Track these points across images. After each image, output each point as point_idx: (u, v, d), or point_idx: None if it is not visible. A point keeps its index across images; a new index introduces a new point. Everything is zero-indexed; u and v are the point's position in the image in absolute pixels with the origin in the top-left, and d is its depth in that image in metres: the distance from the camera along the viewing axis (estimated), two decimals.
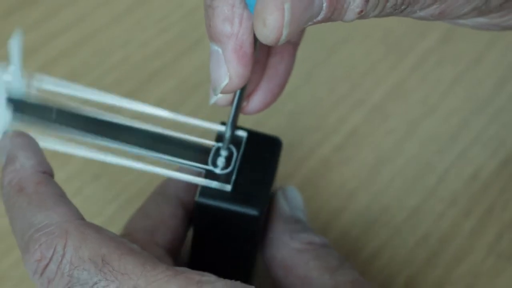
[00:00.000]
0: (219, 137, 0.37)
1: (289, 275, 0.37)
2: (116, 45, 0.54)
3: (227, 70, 0.33)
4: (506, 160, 0.49)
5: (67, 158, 0.47)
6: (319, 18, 0.30)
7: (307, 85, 0.52)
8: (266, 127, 0.44)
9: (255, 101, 0.37)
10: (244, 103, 0.37)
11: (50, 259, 0.31)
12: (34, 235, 0.32)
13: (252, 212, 0.35)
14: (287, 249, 0.38)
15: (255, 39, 0.32)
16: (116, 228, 0.45)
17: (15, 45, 0.35)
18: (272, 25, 0.29)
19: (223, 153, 0.37)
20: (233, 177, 0.36)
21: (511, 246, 0.46)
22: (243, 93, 0.36)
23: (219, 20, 0.33)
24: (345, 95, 0.52)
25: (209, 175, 0.36)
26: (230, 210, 0.35)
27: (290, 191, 0.40)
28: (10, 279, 0.43)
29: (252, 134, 0.38)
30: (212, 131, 0.38)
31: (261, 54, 0.37)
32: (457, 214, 0.47)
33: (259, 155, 0.37)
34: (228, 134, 0.37)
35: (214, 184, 0.36)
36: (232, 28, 0.33)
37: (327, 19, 0.31)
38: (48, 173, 0.35)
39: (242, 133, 0.38)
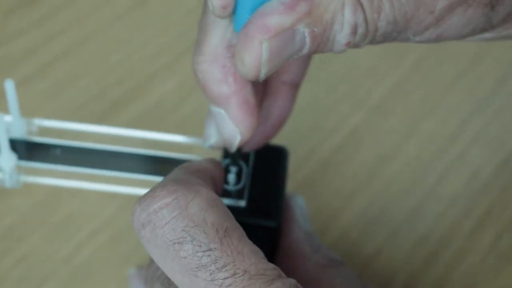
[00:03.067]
0: (226, 153, 0.37)
1: None
2: (116, 45, 0.54)
3: (236, 127, 0.33)
4: (506, 160, 0.49)
5: None
6: (304, 52, 0.30)
7: (307, 85, 0.52)
8: None
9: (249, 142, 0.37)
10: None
11: (168, 204, 0.29)
12: (164, 180, 0.30)
13: (271, 224, 0.35)
14: (311, 262, 0.37)
15: None
16: (116, 228, 0.45)
17: (10, 92, 0.35)
18: (250, 63, 0.29)
19: (233, 169, 0.37)
20: (246, 192, 0.36)
21: (511, 246, 0.46)
22: None
23: (214, 84, 0.32)
24: (345, 95, 0.52)
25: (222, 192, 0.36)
26: (248, 224, 0.34)
27: (299, 200, 0.40)
28: (10, 279, 0.43)
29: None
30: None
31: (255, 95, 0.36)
32: (457, 214, 0.47)
33: (267, 166, 0.37)
34: (236, 151, 0.36)
35: (228, 201, 0.36)
36: (229, 88, 0.32)
37: (314, 52, 0.30)
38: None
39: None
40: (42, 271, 0.44)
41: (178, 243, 0.28)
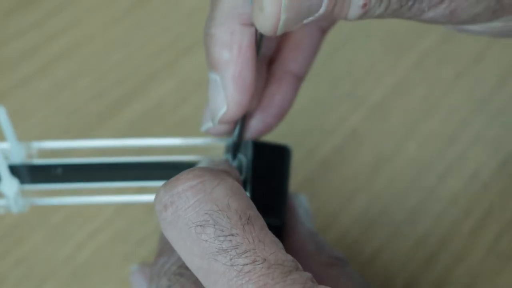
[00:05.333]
0: (226, 148, 0.37)
1: None
2: (116, 45, 0.54)
3: (225, 98, 0.33)
4: (506, 160, 0.49)
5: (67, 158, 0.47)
6: (320, 11, 0.29)
7: (307, 85, 0.52)
8: None
9: (249, 129, 0.37)
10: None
11: (193, 187, 0.28)
12: (193, 168, 0.29)
13: (275, 222, 0.35)
14: (315, 261, 0.36)
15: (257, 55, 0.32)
16: (116, 228, 0.45)
17: (3, 119, 0.35)
18: (269, 9, 0.28)
19: (234, 164, 0.36)
20: (248, 185, 0.36)
21: (511, 246, 0.46)
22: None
23: (217, 47, 0.32)
24: (345, 95, 0.52)
25: None
26: None
27: (303, 199, 0.39)
28: (10, 279, 0.43)
29: (258, 144, 0.37)
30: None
31: (258, 81, 0.36)
32: (457, 214, 0.47)
33: (270, 165, 0.37)
34: (235, 146, 0.37)
35: None
36: (230, 54, 0.32)
37: (329, 14, 0.30)
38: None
39: (245, 142, 0.37)
40: (42, 271, 0.44)
41: (200, 225, 0.28)
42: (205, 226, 0.28)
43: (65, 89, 0.51)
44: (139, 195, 0.37)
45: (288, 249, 0.37)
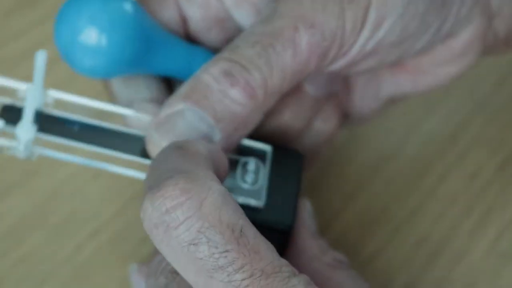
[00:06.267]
0: (242, 151, 0.37)
1: None
2: None
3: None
4: (506, 160, 0.49)
5: None
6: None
7: None
8: None
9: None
10: None
11: (182, 204, 0.28)
12: (175, 175, 0.28)
13: (285, 227, 0.35)
14: (319, 263, 0.37)
15: None
16: (116, 228, 0.45)
17: (41, 61, 0.35)
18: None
19: (251, 168, 0.36)
20: (263, 192, 0.36)
21: (511, 246, 0.46)
22: None
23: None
24: None
25: (236, 190, 0.35)
26: (261, 225, 0.32)
27: (307, 203, 0.39)
28: (10, 279, 0.43)
29: (276, 148, 0.37)
30: None
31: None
32: (457, 214, 0.47)
33: (283, 169, 0.37)
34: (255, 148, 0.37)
35: (244, 199, 0.35)
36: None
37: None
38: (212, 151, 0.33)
39: (263, 147, 0.37)
40: (42, 271, 0.44)
41: (193, 244, 0.28)
42: (198, 245, 0.28)
43: (65, 89, 0.51)
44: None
45: (292, 251, 0.37)
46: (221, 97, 0.33)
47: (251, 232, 0.28)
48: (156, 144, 0.34)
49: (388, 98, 0.43)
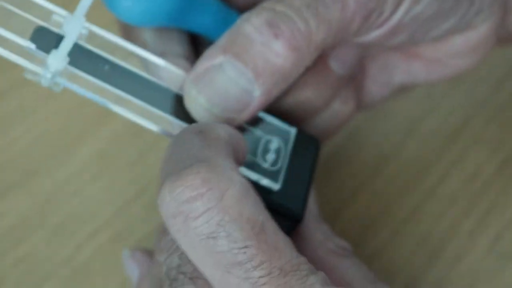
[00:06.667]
0: (265, 127, 0.35)
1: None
2: None
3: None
4: (506, 160, 0.49)
5: (67, 158, 0.47)
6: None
7: None
8: None
9: None
10: None
11: (202, 195, 0.27)
12: (196, 163, 0.27)
13: (296, 215, 0.34)
14: (323, 249, 0.35)
15: None
16: (116, 228, 0.45)
17: None
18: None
19: (273, 147, 0.35)
20: (282, 175, 0.34)
21: (511, 246, 0.46)
22: None
23: None
24: None
25: (255, 167, 0.34)
26: (272, 209, 0.31)
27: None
28: (10, 279, 0.43)
29: (300, 132, 0.36)
30: None
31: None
32: (457, 214, 0.47)
33: (302, 155, 0.35)
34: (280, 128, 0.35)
35: (258, 178, 0.34)
36: None
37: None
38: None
39: (288, 128, 0.35)
40: (42, 271, 0.43)
41: (212, 237, 0.27)
42: (217, 238, 0.27)
43: (65, 89, 0.51)
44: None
45: (298, 236, 0.35)
46: (263, 49, 0.32)
47: (271, 227, 0.28)
48: (194, 100, 0.33)
49: (399, 86, 0.42)
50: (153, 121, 0.33)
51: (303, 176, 0.35)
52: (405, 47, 0.40)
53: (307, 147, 0.36)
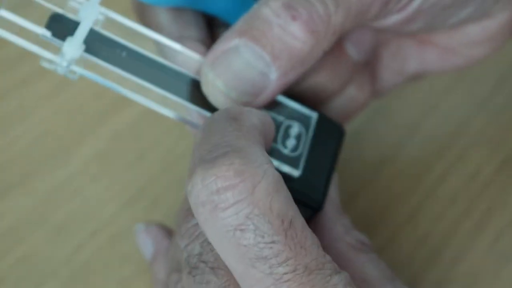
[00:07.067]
0: (286, 112, 0.34)
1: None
2: None
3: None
4: (506, 160, 0.49)
5: (67, 158, 0.47)
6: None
7: None
8: None
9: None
10: None
11: (234, 186, 0.26)
12: (230, 153, 0.27)
13: (315, 204, 0.33)
14: (342, 242, 0.34)
15: None
16: (116, 228, 0.45)
17: None
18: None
19: (293, 133, 0.34)
20: (302, 161, 0.33)
21: (511, 246, 0.46)
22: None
23: None
24: None
25: (275, 153, 0.33)
26: (293, 197, 0.30)
27: (335, 175, 0.37)
28: (10, 279, 0.43)
29: (323, 118, 0.35)
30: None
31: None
32: (457, 214, 0.47)
33: (324, 141, 0.34)
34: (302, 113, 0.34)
35: (278, 164, 0.33)
36: None
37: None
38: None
39: (309, 113, 0.35)
40: (42, 271, 0.43)
41: (240, 230, 0.26)
42: (244, 231, 0.26)
43: (65, 89, 0.51)
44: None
45: (316, 226, 0.34)
46: (280, 32, 0.31)
47: (300, 224, 0.27)
48: (211, 84, 0.32)
49: (412, 74, 0.41)
50: (170, 107, 0.33)
51: (325, 163, 0.34)
52: (421, 34, 0.39)
53: (329, 133, 0.35)
